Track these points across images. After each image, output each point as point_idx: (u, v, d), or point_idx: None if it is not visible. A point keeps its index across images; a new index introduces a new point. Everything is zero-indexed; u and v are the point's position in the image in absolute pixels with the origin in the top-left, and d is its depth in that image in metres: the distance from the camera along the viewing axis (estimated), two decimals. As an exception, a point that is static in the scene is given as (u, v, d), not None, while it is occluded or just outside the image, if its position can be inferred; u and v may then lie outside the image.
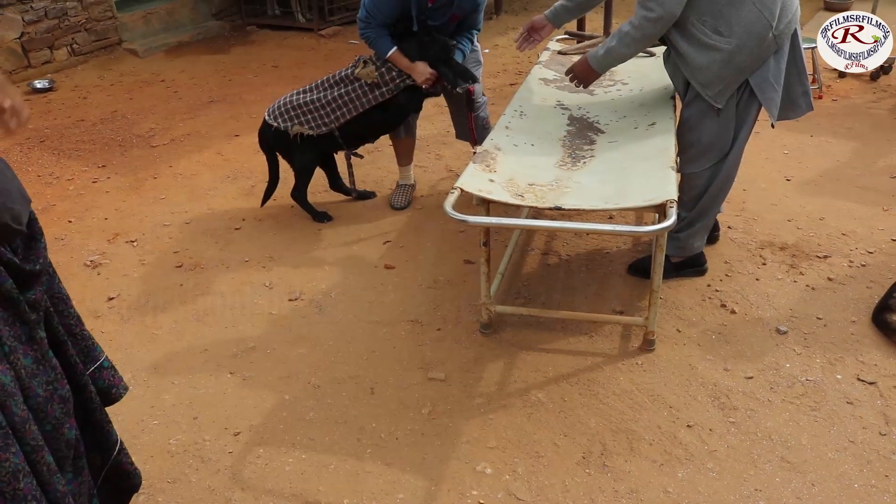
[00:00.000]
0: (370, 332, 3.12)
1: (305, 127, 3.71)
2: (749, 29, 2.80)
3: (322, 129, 3.71)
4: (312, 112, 3.70)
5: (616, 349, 2.95)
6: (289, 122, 3.73)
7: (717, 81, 2.90)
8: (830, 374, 2.80)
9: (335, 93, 3.66)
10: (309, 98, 3.71)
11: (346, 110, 3.67)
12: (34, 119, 5.70)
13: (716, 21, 2.83)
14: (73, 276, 3.65)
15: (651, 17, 2.82)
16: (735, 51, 2.83)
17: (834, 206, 3.97)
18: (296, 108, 3.72)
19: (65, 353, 1.66)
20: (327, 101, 3.67)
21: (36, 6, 6.53)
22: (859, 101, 5.39)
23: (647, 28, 2.86)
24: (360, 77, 3.63)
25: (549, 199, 2.57)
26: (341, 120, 3.69)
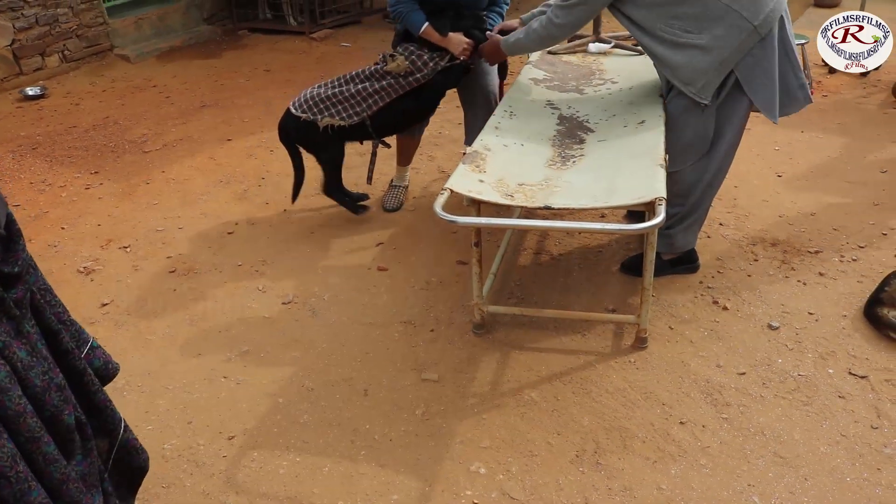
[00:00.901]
0: (363, 334, 3.13)
1: (336, 118, 3.61)
2: (722, 24, 2.76)
3: (354, 119, 3.62)
4: (343, 102, 3.61)
5: (609, 347, 2.96)
6: (318, 113, 3.64)
7: (699, 77, 2.86)
8: (822, 368, 2.81)
9: (366, 84, 3.60)
10: (338, 89, 3.63)
11: (378, 97, 3.59)
12: (26, 126, 5.70)
13: (684, 23, 2.82)
14: (66, 282, 3.65)
15: (556, 23, 2.99)
16: (711, 44, 2.79)
17: (825, 201, 3.98)
18: (325, 100, 3.63)
19: (61, 340, 1.69)
20: (357, 90, 3.59)
21: (27, 13, 6.53)
22: (849, 97, 5.41)
23: (552, 31, 3.04)
24: (390, 71, 3.57)
25: (539, 198, 2.57)
26: (374, 108, 3.60)
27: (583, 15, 2.98)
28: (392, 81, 3.57)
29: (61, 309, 1.76)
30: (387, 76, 3.57)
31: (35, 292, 1.64)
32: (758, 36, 2.79)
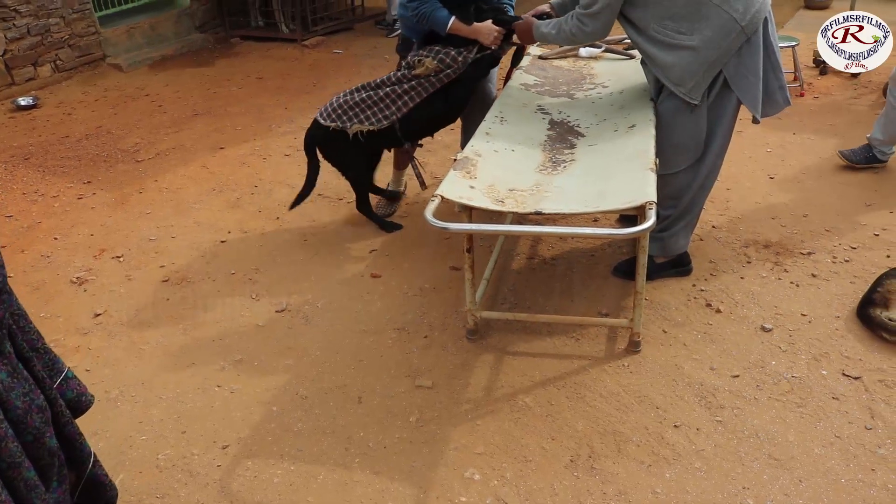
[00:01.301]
0: (357, 341, 3.12)
1: (366, 123, 3.54)
2: (712, 24, 2.83)
3: (384, 122, 3.53)
4: (372, 107, 3.54)
5: (602, 351, 2.96)
6: (347, 121, 3.56)
7: (689, 77, 2.91)
8: (816, 370, 2.82)
9: (395, 87, 3.53)
10: (366, 94, 3.56)
11: (408, 98, 3.51)
12: (18, 137, 5.69)
13: (677, 23, 2.87)
14: (59, 292, 3.65)
15: (586, 30, 3.03)
16: (701, 46, 2.85)
17: (817, 202, 3.99)
18: (354, 106, 3.56)
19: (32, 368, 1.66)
20: (386, 93, 3.52)
21: (18, 23, 6.52)
22: (840, 98, 5.43)
23: (583, 37, 3.09)
24: (419, 75, 3.49)
25: (530, 203, 2.58)
26: (403, 110, 3.52)
27: (609, 19, 2.98)
28: (422, 80, 3.50)
29: (35, 336, 1.73)
30: (414, 79, 3.51)
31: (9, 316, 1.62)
32: (744, 36, 2.86)
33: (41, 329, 3.27)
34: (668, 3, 2.86)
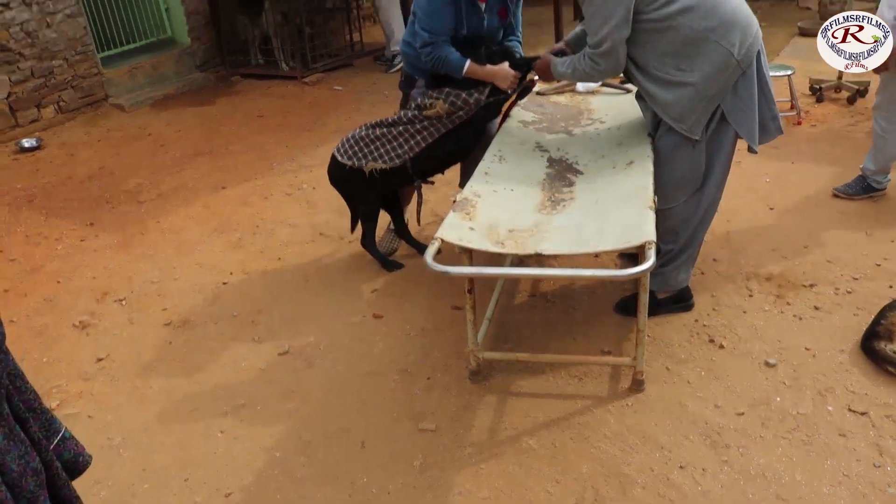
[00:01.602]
0: (360, 383, 3.11)
1: (379, 161, 3.58)
2: (711, 60, 2.87)
3: (395, 161, 3.57)
4: (385, 145, 3.58)
5: (605, 391, 2.95)
6: (363, 158, 3.61)
7: (689, 114, 2.95)
8: (821, 406, 2.80)
9: (407, 126, 3.55)
10: (380, 132, 3.60)
11: (420, 138, 3.54)
12: (22, 178, 5.73)
13: (677, 60, 2.90)
14: (62, 337, 3.65)
15: (599, 69, 3.04)
16: (701, 82, 2.89)
17: (818, 233, 3.99)
18: (369, 143, 3.60)
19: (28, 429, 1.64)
20: (399, 132, 3.56)
21: (22, 66, 6.60)
22: (837, 126, 5.45)
23: (596, 75, 3.12)
24: (430, 116, 3.51)
25: (530, 244, 2.58)
26: (415, 150, 3.55)
27: (620, 55, 2.97)
28: (434, 121, 3.52)
29: (31, 396, 1.72)
30: (425, 119, 3.53)
31: (6, 377, 1.61)
32: (740, 70, 2.91)
33: (44, 374, 3.31)
34: (667, 41, 2.90)
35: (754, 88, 2.97)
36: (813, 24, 7.77)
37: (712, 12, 2.85)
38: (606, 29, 2.88)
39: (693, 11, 2.84)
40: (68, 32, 6.90)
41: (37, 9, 6.61)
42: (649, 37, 2.90)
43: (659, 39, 2.90)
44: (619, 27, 2.87)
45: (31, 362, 3.46)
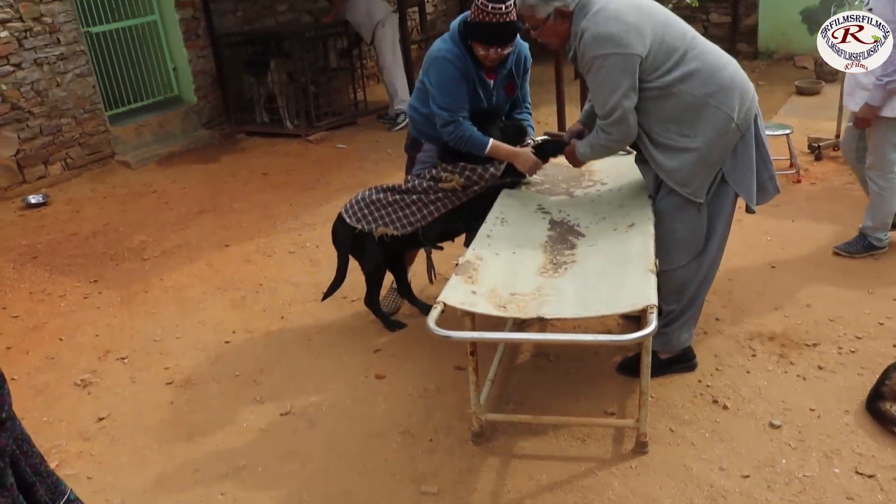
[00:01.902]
0: (361, 445, 3.10)
1: (390, 227, 3.60)
2: (712, 125, 2.94)
3: (407, 228, 3.59)
4: (398, 211, 3.60)
5: (609, 453, 2.92)
6: (373, 222, 3.63)
7: (693, 179, 3.01)
8: (828, 468, 2.77)
9: (421, 195, 3.58)
10: (392, 198, 3.61)
11: (433, 208, 3.57)
12: (28, 235, 5.78)
13: (679, 126, 2.97)
14: (63, 395, 3.64)
15: (613, 139, 3.07)
16: (703, 148, 2.96)
17: (819, 291, 4.00)
18: (381, 208, 3.61)
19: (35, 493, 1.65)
20: (413, 200, 3.57)
21: (31, 124, 6.71)
22: (837, 183, 5.50)
23: (614, 145, 3.15)
24: (445, 188, 3.54)
25: (532, 308, 2.60)
26: (428, 219, 3.58)
27: (631, 120, 2.98)
28: (449, 193, 3.55)
29: (38, 460, 1.73)
30: (440, 190, 3.55)
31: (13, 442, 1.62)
32: (739, 133, 2.99)
33: (44, 433, 3.30)
34: (669, 107, 2.96)
35: (752, 151, 3.06)
36: (810, 84, 7.90)
37: (711, 78, 2.93)
38: (614, 98, 2.92)
39: (693, 78, 2.92)
40: (77, 91, 7.03)
41: (48, 69, 6.75)
42: (652, 104, 2.97)
43: (661, 106, 2.96)
44: (626, 95, 2.91)
45: (32, 421, 3.45)
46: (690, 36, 3.00)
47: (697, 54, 2.95)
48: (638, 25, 2.88)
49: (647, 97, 2.95)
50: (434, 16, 11.40)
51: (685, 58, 2.92)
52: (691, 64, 2.93)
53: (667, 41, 2.92)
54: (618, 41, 2.86)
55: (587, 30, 2.91)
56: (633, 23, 2.87)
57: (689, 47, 2.95)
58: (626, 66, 2.87)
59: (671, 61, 2.92)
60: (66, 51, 6.88)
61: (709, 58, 2.98)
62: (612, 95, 2.93)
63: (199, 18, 8.02)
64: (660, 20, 2.95)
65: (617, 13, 2.89)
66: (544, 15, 3.01)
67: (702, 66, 2.94)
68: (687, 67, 2.92)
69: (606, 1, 2.93)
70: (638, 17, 2.90)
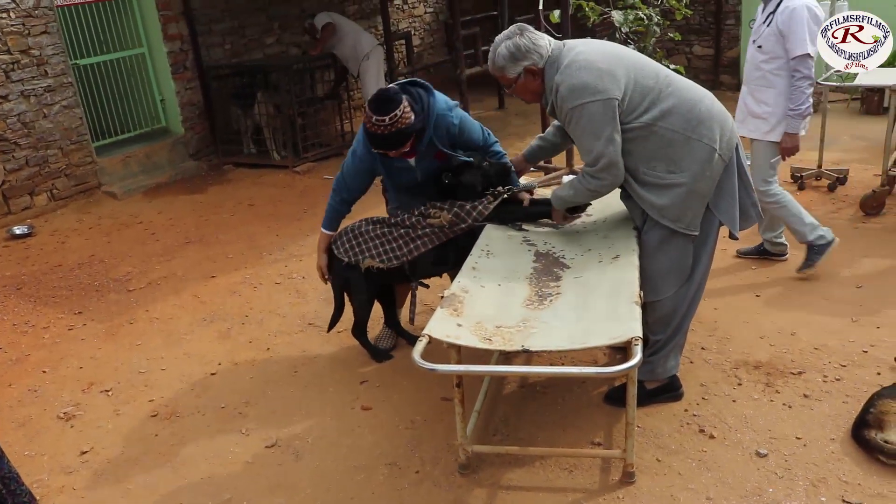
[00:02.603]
0: (348, 477, 3.07)
1: (376, 259, 3.61)
2: (696, 158, 2.99)
3: (393, 262, 3.59)
4: (385, 245, 3.61)
5: (596, 483, 2.92)
6: (360, 254, 3.65)
7: (686, 213, 3.04)
8: (814, 497, 2.78)
9: (409, 230, 3.57)
10: (380, 230, 3.63)
11: (420, 243, 3.56)
12: (12, 266, 5.75)
13: (665, 163, 3.01)
14: (45, 429, 3.61)
15: (593, 186, 3.09)
16: (691, 182, 3.00)
17: (804, 319, 4.03)
18: (368, 241, 3.64)
19: None
20: (400, 234, 3.58)
21: (17, 155, 6.70)
22: (819, 213, 5.54)
23: (596, 192, 3.15)
24: (432, 224, 3.53)
25: (517, 340, 2.60)
26: (414, 254, 3.57)
27: (619, 167, 3.00)
28: (437, 229, 3.54)
29: (27, 498, 1.72)
30: (427, 227, 3.55)
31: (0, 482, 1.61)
32: (723, 163, 3.04)
33: (25, 468, 3.27)
34: (651, 145, 3.00)
35: (735, 178, 3.10)
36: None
37: (690, 113, 2.98)
38: (599, 145, 2.95)
39: (671, 115, 2.96)
40: (64, 123, 7.04)
41: (35, 100, 6.76)
42: (634, 144, 3.00)
43: (644, 145, 3.00)
44: (610, 140, 2.94)
45: (13, 455, 3.38)
46: (663, 75, 3.05)
47: (672, 91, 3.00)
48: (610, 70, 2.93)
49: (628, 138, 2.98)
50: (421, 48, 11.52)
51: (660, 96, 2.97)
52: (667, 101, 2.97)
53: (640, 82, 2.97)
54: (593, 89, 2.90)
55: (561, 83, 2.95)
56: (606, 68, 2.92)
57: (664, 86, 2.99)
58: (605, 111, 2.91)
59: (647, 101, 2.96)
60: (53, 83, 6.91)
61: (684, 94, 3.02)
62: (596, 142, 2.95)
63: (186, 51, 8.08)
64: (630, 63, 3.01)
65: (587, 62, 2.94)
66: (514, 75, 3.07)
67: (678, 102, 2.98)
68: (664, 105, 2.96)
69: (575, 53, 2.98)
70: (608, 62, 2.95)
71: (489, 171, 3.53)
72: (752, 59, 4.43)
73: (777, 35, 4.21)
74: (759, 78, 4.41)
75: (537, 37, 3.04)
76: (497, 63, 3.07)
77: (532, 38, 3.02)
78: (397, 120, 3.21)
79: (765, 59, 4.33)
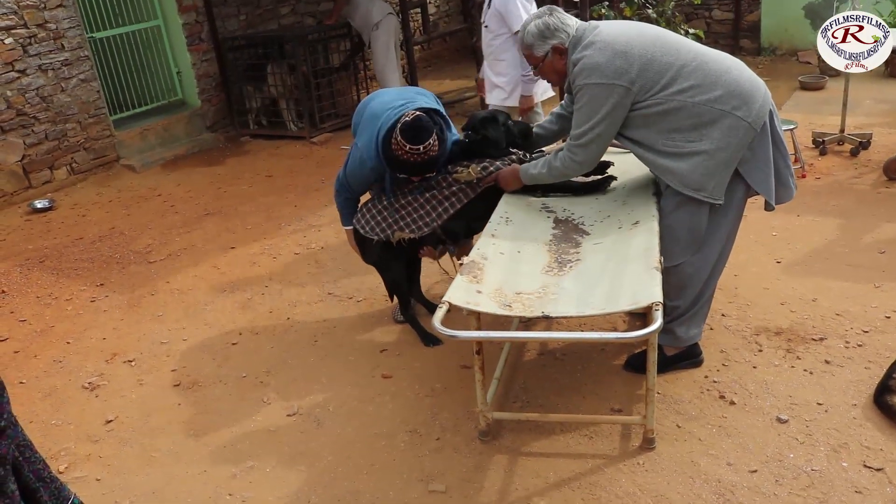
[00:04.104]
0: (369, 444, 3.10)
1: (407, 231, 3.51)
2: (719, 126, 2.93)
3: (424, 230, 3.49)
4: (412, 213, 3.50)
5: (616, 449, 2.93)
6: (388, 229, 3.54)
7: (709, 180, 2.98)
8: (836, 462, 2.77)
9: (434, 192, 3.48)
10: (404, 200, 3.52)
11: (448, 205, 3.46)
12: (34, 239, 5.80)
13: (684, 134, 2.96)
14: (71, 398, 3.66)
15: (576, 160, 3.14)
16: (713, 149, 2.94)
17: (826, 285, 3.99)
18: (393, 213, 3.53)
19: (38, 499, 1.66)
20: (426, 199, 3.48)
21: (37, 129, 6.73)
22: (842, 178, 5.49)
23: (573, 168, 3.20)
24: (458, 180, 3.44)
25: (537, 307, 2.60)
26: (444, 216, 3.47)
27: (599, 149, 3.10)
28: (464, 186, 3.45)
29: (41, 465, 1.74)
30: (454, 185, 3.46)
31: (14, 449, 1.63)
32: (754, 132, 2.96)
33: (52, 436, 3.31)
34: (672, 119, 2.96)
35: (769, 146, 3.03)
36: (813, 79, 7.90)
37: (713, 85, 2.94)
38: (590, 123, 3.01)
39: (692, 89, 2.93)
40: (82, 97, 7.05)
41: (52, 74, 6.77)
42: (654, 119, 2.98)
43: (663, 120, 2.97)
44: (601, 123, 2.99)
45: (40, 425, 3.47)
46: (686, 49, 3.01)
47: (697, 66, 2.96)
48: (625, 51, 2.93)
49: (647, 114, 2.98)
50: (436, 17, 11.41)
51: (682, 72, 2.94)
52: (690, 77, 2.94)
53: (659, 59, 2.95)
54: (602, 71, 2.93)
55: (578, 61, 3.01)
56: (621, 49, 2.94)
57: (687, 60, 2.96)
58: (608, 97, 2.94)
59: (666, 77, 2.94)
60: (70, 56, 6.91)
61: (710, 66, 2.98)
62: (588, 121, 3.01)
63: (202, 22, 8.05)
64: (649, 41, 2.99)
65: (604, 43, 2.97)
66: (542, 53, 3.16)
67: (702, 75, 2.95)
68: (684, 80, 2.93)
69: (596, 32, 3.03)
70: (625, 42, 2.96)
71: (513, 129, 3.53)
72: (484, 37, 5.05)
73: (497, 15, 4.85)
74: (491, 53, 5.03)
75: (566, 17, 3.15)
76: (526, 41, 3.18)
77: (561, 17, 3.14)
78: (430, 148, 3.27)
79: (492, 37, 4.95)
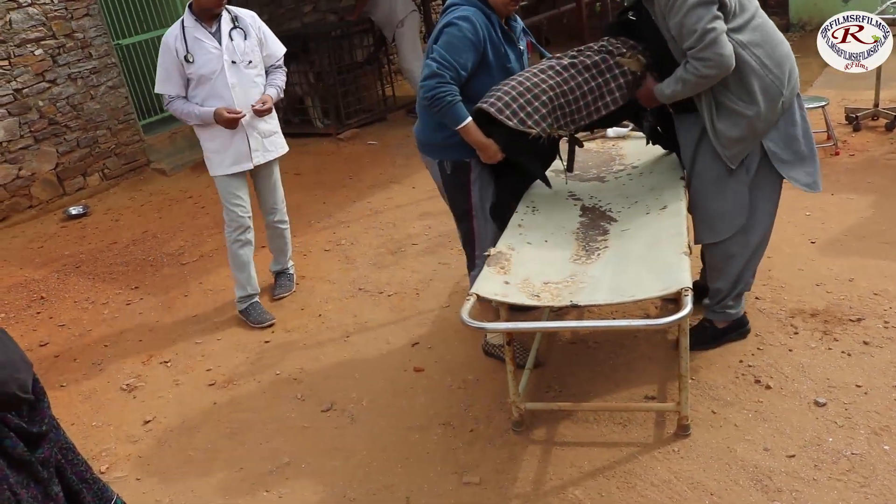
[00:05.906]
0: (403, 438, 3.11)
1: (555, 125, 2.90)
2: (766, 95, 2.94)
3: (571, 127, 2.97)
4: (573, 104, 2.91)
5: (651, 437, 2.90)
6: (542, 121, 2.84)
7: (736, 144, 3.00)
8: (877, 445, 2.72)
9: (594, 72, 2.95)
10: (553, 81, 2.91)
11: (610, 100, 2.97)
12: (70, 245, 5.90)
13: (741, 93, 2.94)
14: (110, 401, 3.72)
15: (709, 65, 2.80)
16: (755, 117, 2.95)
17: (862, 265, 3.91)
18: (540, 95, 2.87)
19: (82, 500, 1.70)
20: (590, 88, 2.93)
21: (69, 137, 6.84)
22: (877, 154, 5.37)
23: (707, 75, 2.84)
24: (622, 65, 2.96)
25: (565, 296, 2.59)
26: (603, 111, 2.98)
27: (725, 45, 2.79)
28: (629, 80, 2.95)
29: (84, 467, 1.77)
30: (616, 69, 2.95)
31: (57, 451, 1.67)
32: (783, 110, 2.99)
33: (93, 438, 3.37)
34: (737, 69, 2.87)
35: (794, 129, 3.06)
36: (844, 54, 7.73)
37: (773, 50, 2.94)
38: (703, 23, 2.75)
39: (760, 46, 2.91)
40: (111, 103, 7.15)
41: (81, 83, 6.87)
42: None
43: None
44: (715, 20, 2.76)
45: (81, 427, 3.53)
46: (755, 5, 2.99)
47: (761, 24, 2.96)
48: None
49: None
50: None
51: (753, 22, 2.92)
52: (757, 31, 2.92)
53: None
54: None
55: None
56: None
57: (757, 14, 2.96)
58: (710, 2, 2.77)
59: (743, 18, 2.89)
60: (98, 64, 7.01)
61: (769, 30, 2.99)
62: (700, 22, 2.75)
63: (225, 24, 8.10)
64: None
65: None
66: None
67: (766, 35, 2.95)
68: (754, 33, 2.91)
69: None
70: None
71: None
72: None
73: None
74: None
75: None
76: None
77: None
78: None
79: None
